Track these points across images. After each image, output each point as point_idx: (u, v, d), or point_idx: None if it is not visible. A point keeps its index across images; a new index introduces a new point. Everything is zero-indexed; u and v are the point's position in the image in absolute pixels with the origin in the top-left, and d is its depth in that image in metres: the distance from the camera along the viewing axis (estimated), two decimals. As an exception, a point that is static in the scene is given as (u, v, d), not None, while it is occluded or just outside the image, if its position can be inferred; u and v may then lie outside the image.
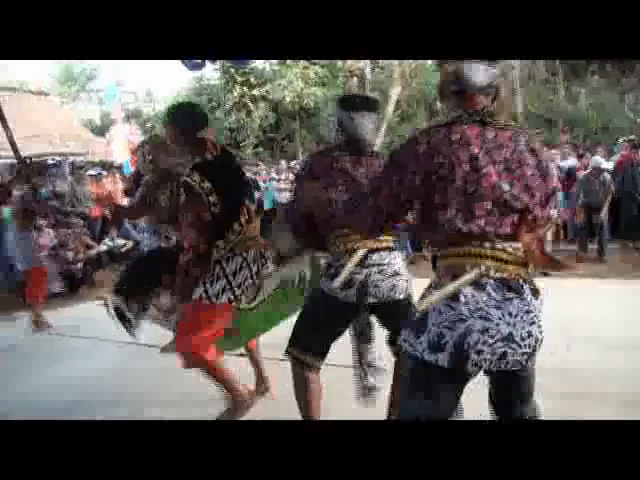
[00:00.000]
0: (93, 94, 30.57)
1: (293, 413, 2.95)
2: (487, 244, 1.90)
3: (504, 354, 1.88)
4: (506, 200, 1.91)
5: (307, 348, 2.98)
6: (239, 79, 21.86)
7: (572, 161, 11.10)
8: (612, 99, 17.59)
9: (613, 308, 6.07)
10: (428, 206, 1.95)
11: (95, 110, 29.88)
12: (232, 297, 3.31)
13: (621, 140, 11.35)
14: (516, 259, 1.93)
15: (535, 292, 1.97)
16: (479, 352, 1.84)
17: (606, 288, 7.31)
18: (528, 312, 1.92)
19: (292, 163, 15.29)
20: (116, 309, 3.74)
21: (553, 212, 2.24)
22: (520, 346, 1.89)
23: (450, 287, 1.87)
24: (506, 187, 1.91)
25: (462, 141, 1.91)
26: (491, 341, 1.85)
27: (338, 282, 2.83)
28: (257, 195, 11.84)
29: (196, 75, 20.51)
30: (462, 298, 1.86)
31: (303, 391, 3.00)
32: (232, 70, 19.07)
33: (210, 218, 3.13)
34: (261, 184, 12.63)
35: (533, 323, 1.93)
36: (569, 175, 10.45)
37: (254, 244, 3.44)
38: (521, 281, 1.93)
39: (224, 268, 3.30)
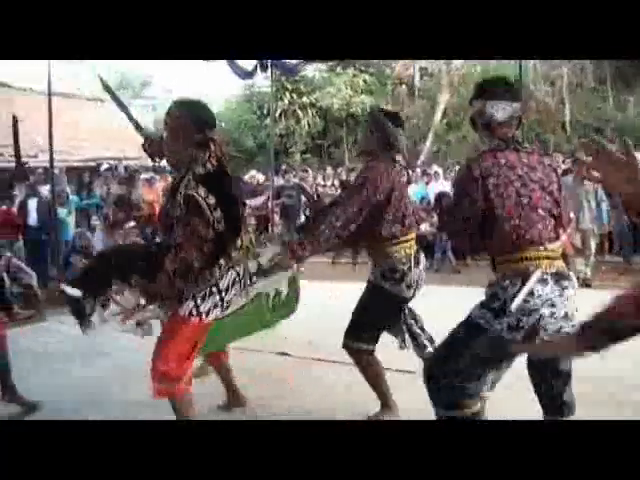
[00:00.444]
0: (147, 100, 31.27)
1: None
2: (541, 247, 2.43)
3: (560, 328, 2.42)
4: (549, 209, 2.46)
5: (368, 340, 3.50)
6: (289, 87, 22.15)
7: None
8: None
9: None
10: (492, 219, 2.45)
11: (149, 116, 30.60)
12: (220, 314, 3.07)
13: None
14: (557, 255, 2.47)
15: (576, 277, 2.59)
16: (545, 330, 2.39)
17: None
18: (575, 293, 2.49)
19: (339, 170, 15.48)
20: (73, 300, 3.26)
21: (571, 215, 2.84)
22: (571, 320, 2.44)
23: (526, 288, 2.37)
24: (548, 198, 2.47)
25: (508, 164, 2.45)
26: (555, 321, 2.41)
27: (406, 283, 3.39)
28: (304, 200, 12.12)
29: (247, 83, 20.84)
30: (535, 293, 2.38)
31: (371, 373, 3.55)
32: (283, 78, 19.34)
33: (212, 235, 2.83)
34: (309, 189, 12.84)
35: (574, 301, 2.49)
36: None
37: (243, 258, 3.20)
38: (567, 271, 2.50)
39: (217, 283, 3.03)
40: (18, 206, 9.17)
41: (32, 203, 9.29)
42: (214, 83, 37.42)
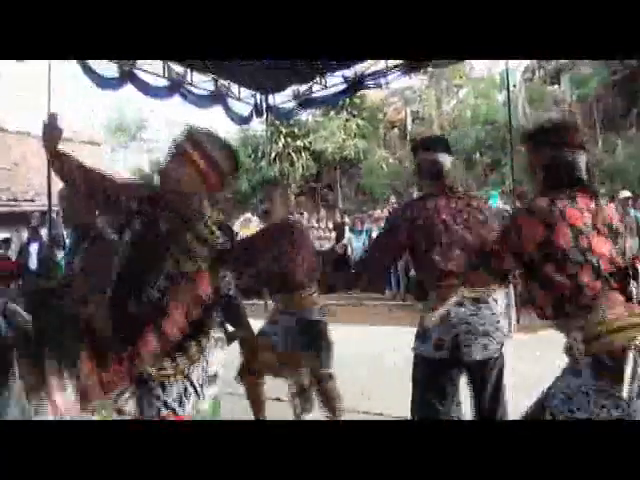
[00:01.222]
0: (143, 143, 31.60)
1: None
2: (460, 277, 2.76)
3: (485, 345, 2.81)
4: (469, 245, 2.83)
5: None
6: (284, 131, 22.45)
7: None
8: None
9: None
10: (418, 255, 2.92)
11: (144, 158, 30.92)
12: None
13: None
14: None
15: (495, 300, 2.93)
16: (467, 346, 2.78)
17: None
18: (493, 314, 2.87)
19: (336, 214, 15.66)
20: None
21: None
22: (494, 337, 2.84)
23: (444, 309, 2.78)
24: (469, 238, 2.86)
25: (435, 209, 2.89)
26: (474, 337, 2.79)
27: None
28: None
29: (243, 127, 21.13)
30: (452, 314, 2.79)
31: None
32: (277, 122, 19.65)
33: (211, 298, 2.20)
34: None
35: (498, 321, 2.88)
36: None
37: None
38: (486, 295, 2.86)
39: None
40: (18, 251, 9.14)
41: (34, 247, 9.27)
42: (211, 127, 37.86)
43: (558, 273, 2.06)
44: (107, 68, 6.92)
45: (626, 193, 10.25)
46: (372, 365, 6.06)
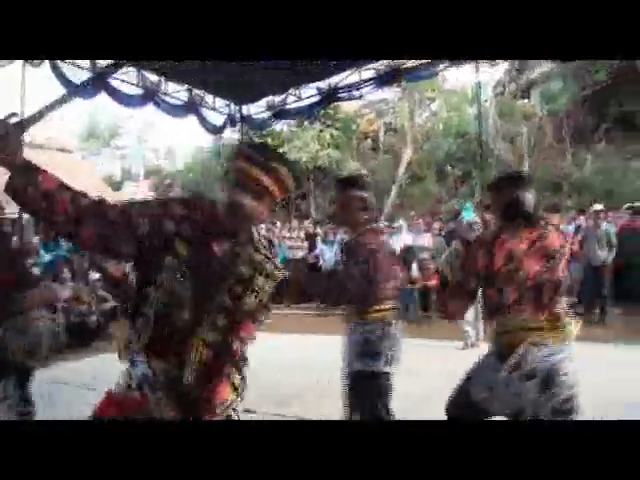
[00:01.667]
0: (115, 150, 31.47)
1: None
2: (388, 302, 3.29)
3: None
4: (393, 275, 3.38)
5: None
6: (258, 140, 22.47)
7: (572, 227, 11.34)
8: (618, 165, 17.81)
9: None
10: (368, 279, 3.17)
11: (116, 166, 30.82)
12: None
13: (625, 207, 11.59)
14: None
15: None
16: (397, 360, 3.25)
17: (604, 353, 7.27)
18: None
19: (306, 222, 15.72)
20: None
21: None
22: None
23: (390, 335, 3.22)
24: (394, 266, 3.41)
25: (380, 238, 3.38)
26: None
27: None
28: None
29: (217, 136, 21.08)
30: (392, 334, 3.24)
31: None
32: (251, 132, 19.63)
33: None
34: (275, 241, 13.05)
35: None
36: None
37: None
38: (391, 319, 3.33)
39: None
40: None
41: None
42: (184, 135, 37.93)
43: (492, 287, 2.75)
44: (80, 75, 6.90)
45: (598, 207, 10.45)
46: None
